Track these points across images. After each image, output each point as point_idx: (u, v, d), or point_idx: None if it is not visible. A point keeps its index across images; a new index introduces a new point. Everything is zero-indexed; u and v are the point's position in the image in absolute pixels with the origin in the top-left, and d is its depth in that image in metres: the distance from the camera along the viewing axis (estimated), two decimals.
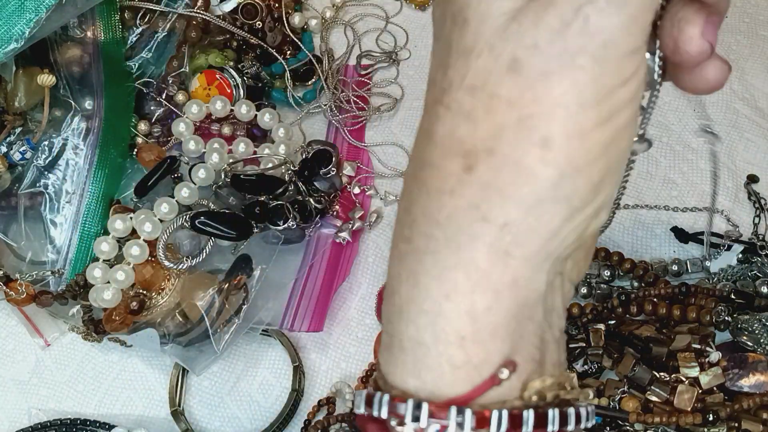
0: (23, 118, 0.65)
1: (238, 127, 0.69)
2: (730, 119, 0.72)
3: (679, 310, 0.57)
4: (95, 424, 0.59)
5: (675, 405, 0.53)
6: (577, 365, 0.57)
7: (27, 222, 0.63)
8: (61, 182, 0.63)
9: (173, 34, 0.69)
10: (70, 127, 0.64)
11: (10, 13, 0.56)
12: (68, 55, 0.65)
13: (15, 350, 0.63)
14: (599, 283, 0.63)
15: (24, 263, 0.62)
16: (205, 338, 0.58)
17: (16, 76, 0.62)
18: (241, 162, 0.65)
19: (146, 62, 0.68)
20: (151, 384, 0.61)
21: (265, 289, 0.60)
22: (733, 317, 0.57)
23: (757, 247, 0.63)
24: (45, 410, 0.60)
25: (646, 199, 0.68)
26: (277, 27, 0.74)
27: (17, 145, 0.64)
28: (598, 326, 0.58)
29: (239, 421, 0.60)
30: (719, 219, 0.67)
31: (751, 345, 0.56)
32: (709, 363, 0.54)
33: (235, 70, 0.71)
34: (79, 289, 0.59)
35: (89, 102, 0.65)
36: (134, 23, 0.68)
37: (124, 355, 0.62)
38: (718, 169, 0.38)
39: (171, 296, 0.59)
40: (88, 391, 0.61)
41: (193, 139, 0.65)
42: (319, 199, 0.65)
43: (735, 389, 0.54)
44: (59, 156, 0.64)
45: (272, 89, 0.73)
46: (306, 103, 0.73)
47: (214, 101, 0.67)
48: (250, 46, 0.72)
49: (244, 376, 0.61)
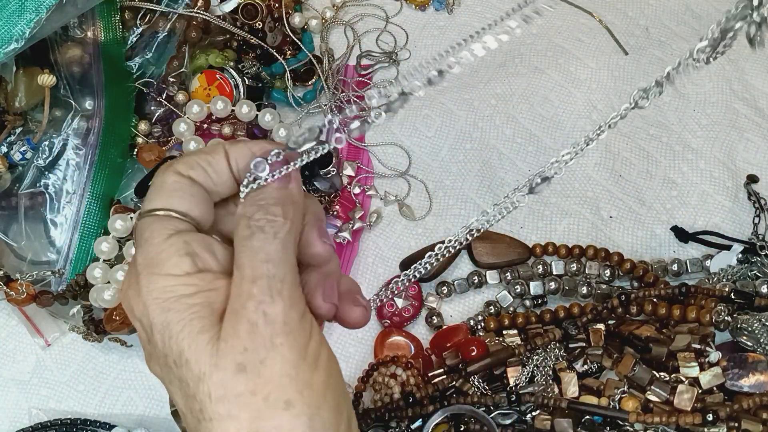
0: (23, 118, 0.65)
1: (238, 127, 0.69)
2: (730, 119, 0.72)
3: (679, 310, 0.57)
4: (96, 423, 0.59)
5: (675, 405, 0.53)
6: (577, 365, 0.57)
7: (27, 222, 0.63)
8: (62, 182, 0.63)
9: (173, 34, 0.69)
10: (71, 127, 0.64)
11: (11, 13, 0.56)
12: (68, 55, 0.65)
13: (15, 350, 0.63)
14: (599, 283, 0.63)
15: (24, 263, 0.62)
16: None
17: (17, 76, 0.62)
18: None
19: (146, 62, 0.68)
20: (151, 384, 0.61)
21: None
22: (733, 317, 0.57)
23: (757, 247, 0.63)
24: (45, 410, 0.60)
25: (646, 198, 0.68)
26: (277, 27, 0.74)
27: (17, 145, 0.64)
28: (598, 326, 0.58)
29: None
30: (720, 219, 0.67)
31: (750, 345, 0.56)
32: (709, 363, 0.55)
33: (235, 70, 0.71)
34: (79, 289, 0.59)
35: (89, 102, 0.65)
36: (134, 23, 0.68)
37: (124, 354, 0.62)
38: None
39: None
40: (88, 391, 0.61)
41: (193, 140, 0.65)
42: (320, 199, 0.65)
43: (735, 389, 0.54)
44: (59, 156, 0.64)
45: (272, 89, 0.73)
46: (306, 103, 0.73)
47: (215, 101, 0.67)
48: (251, 46, 0.73)
49: None
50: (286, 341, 0.31)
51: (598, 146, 0.70)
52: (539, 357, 0.57)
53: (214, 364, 0.30)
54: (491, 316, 0.62)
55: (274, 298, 0.31)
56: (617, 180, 0.69)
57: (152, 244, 0.33)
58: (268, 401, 0.30)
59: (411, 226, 0.67)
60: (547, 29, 0.78)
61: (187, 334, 0.31)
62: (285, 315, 0.31)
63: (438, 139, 0.72)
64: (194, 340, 0.31)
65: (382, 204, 0.69)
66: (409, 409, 0.55)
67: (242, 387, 0.30)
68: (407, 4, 0.80)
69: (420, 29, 0.79)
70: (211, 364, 0.31)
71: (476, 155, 0.70)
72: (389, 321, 0.62)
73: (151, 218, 0.34)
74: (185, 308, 0.32)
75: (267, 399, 0.30)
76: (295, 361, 0.31)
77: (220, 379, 0.30)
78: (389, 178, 0.70)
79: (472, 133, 0.72)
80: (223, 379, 0.30)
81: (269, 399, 0.30)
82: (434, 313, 0.63)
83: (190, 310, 0.32)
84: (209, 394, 0.30)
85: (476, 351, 0.57)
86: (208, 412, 0.31)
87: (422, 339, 0.62)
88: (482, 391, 0.56)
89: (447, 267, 0.64)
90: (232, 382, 0.30)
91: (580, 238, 0.66)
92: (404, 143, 0.72)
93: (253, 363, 0.30)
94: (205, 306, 0.32)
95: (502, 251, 0.64)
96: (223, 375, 0.30)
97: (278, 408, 0.30)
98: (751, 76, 0.75)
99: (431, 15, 0.80)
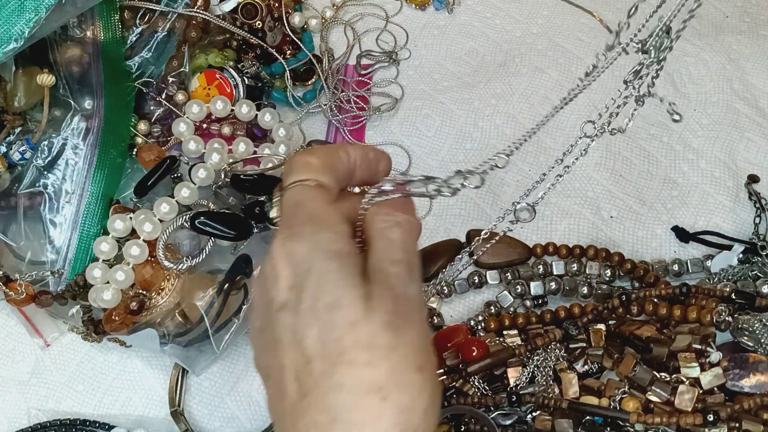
0: (23, 118, 0.65)
1: (238, 127, 0.68)
2: (730, 119, 0.72)
3: (679, 310, 0.57)
4: (95, 424, 0.59)
5: (675, 405, 0.53)
6: (578, 365, 0.57)
7: (26, 222, 0.63)
8: (61, 182, 0.63)
9: (173, 33, 0.69)
10: (70, 126, 0.64)
11: (10, 13, 0.56)
12: (68, 54, 0.64)
13: (14, 350, 0.63)
14: (600, 284, 0.63)
15: (23, 263, 0.62)
16: (204, 338, 0.58)
17: (16, 76, 0.62)
18: (241, 162, 0.65)
19: (146, 62, 0.68)
20: (150, 384, 0.61)
21: None
22: (734, 317, 0.57)
23: (758, 247, 0.63)
24: (44, 410, 0.60)
25: (646, 198, 0.68)
26: (276, 27, 0.74)
27: (17, 145, 0.64)
28: (599, 326, 0.58)
29: (239, 422, 0.60)
30: (721, 219, 0.67)
31: (751, 345, 0.56)
32: (710, 363, 0.54)
33: (234, 69, 0.71)
34: (78, 289, 0.59)
35: (89, 102, 0.64)
36: (134, 23, 0.68)
37: (123, 355, 0.62)
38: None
39: (171, 296, 0.59)
40: (87, 392, 0.61)
41: (193, 139, 0.65)
42: None
43: (736, 389, 0.54)
44: (59, 156, 0.64)
45: (272, 89, 0.73)
46: (306, 103, 0.73)
47: (215, 101, 0.67)
48: (250, 46, 0.72)
49: (244, 377, 0.61)
50: (418, 317, 0.35)
51: (599, 146, 0.70)
52: (540, 357, 0.57)
53: (366, 316, 0.33)
54: (491, 316, 0.62)
55: (411, 281, 0.36)
56: (618, 180, 0.69)
57: (316, 205, 0.37)
58: (406, 360, 0.33)
59: None
60: (547, 29, 0.78)
61: (346, 283, 0.34)
62: (418, 295, 0.36)
63: (438, 138, 0.72)
64: (351, 291, 0.34)
65: None
66: None
67: (387, 341, 0.33)
68: (407, 4, 0.80)
69: (420, 29, 0.78)
70: (364, 315, 0.33)
71: (477, 155, 0.70)
72: None
73: (305, 187, 0.38)
74: (346, 262, 0.35)
75: (405, 358, 0.33)
76: (425, 334, 0.35)
77: (371, 330, 0.33)
78: None
79: (473, 132, 0.72)
80: (373, 331, 0.33)
81: (407, 359, 0.33)
82: (434, 314, 0.63)
83: (350, 265, 0.35)
84: (358, 341, 0.33)
85: (476, 351, 0.56)
86: (350, 356, 0.33)
87: None
88: (482, 391, 0.56)
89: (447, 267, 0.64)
90: (380, 335, 0.33)
91: (580, 238, 0.66)
92: (404, 143, 0.72)
93: (397, 325, 0.34)
94: (358, 266, 0.35)
95: (502, 251, 0.64)
96: (373, 327, 0.33)
97: (412, 369, 0.33)
98: (752, 76, 0.74)
99: (431, 14, 0.80)
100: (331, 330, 0.33)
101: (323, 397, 0.33)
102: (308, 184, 0.38)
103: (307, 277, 0.34)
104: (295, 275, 0.35)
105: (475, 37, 0.78)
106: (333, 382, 0.33)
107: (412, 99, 0.74)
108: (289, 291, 0.35)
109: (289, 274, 0.35)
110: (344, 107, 0.73)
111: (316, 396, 0.33)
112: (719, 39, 0.77)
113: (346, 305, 0.34)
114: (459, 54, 0.77)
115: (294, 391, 0.34)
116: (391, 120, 0.73)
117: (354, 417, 0.32)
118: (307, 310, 0.34)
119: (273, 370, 0.35)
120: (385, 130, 0.72)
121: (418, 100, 0.74)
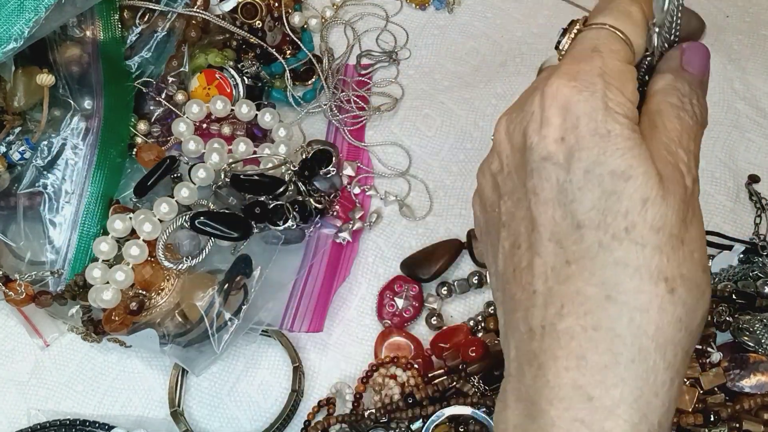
0: (22, 118, 0.65)
1: (238, 127, 0.68)
2: (731, 119, 0.72)
3: None
4: (94, 424, 0.59)
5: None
6: None
7: (26, 222, 0.63)
8: (61, 182, 0.63)
9: (173, 33, 0.69)
10: (70, 126, 0.64)
11: (10, 13, 0.56)
12: (67, 54, 0.64)
13: (14, 351, 0.63)
14: None
15: (23, 263, 0.62)
16: (204, 338, 0.58)
17: (16, 76, 0.62)
18: (241, 162, 0.65)
19: (146, 62, 0.68)
20: (150, 384, 0.61)
21: (264, 290, 0.60)
22: (734, 317, 0.57)
23: (758, 248, 0.63)
24: (44, 411, 0.60)
25: None
26: (276, 26, 0.73)
27: (16, 145, 0.64)
28: None
29: (239, 422, 0.60)
30: (721, 219, 0.67)
31: (752, 345, 0.56)
32: (710, 363, 0.54)
33: (234, 69, 0.71)
34: (78, 289, 0.59)
35: (88, 102, 0.64)
36: (134, 23, 0.68)
37: (123, 355, 0.62)
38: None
39: (170, 296, 0.59)
40: (87, 392, 0.61)
41: (193, 139, 0.65)
42: (319, 199, 0.65)
43: (736, 390, 0.54)
44: (58, 156, 0.63)
45: (272, 89, 0.73)
46: (306, 103, 0.73)
47: (215, 101, 0.67)
48: (250, 46, 0.72)
49: (243, 377, 0.61)
50: (696, 216, 0.32)
51: None
52: None
53: (663, 197, 0.31)
54: (492, 316, 0.62)
55: (691, 173, 0.32)
56: None
57: (617, 61, 0.33)
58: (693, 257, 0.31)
59: (411, 226, 0.67)
60: (547, 29, 0.78)
61: (637, 153, 0.31)
62: (696, 191, 0.33)
63: (438, 138, 0.72)
64: (645, 164, 0.31)
65: (382, 204, 0.68)
66: (410, 410, 0.55)
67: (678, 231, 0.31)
68: (407, 3, 0.80)
69: (420, 28, 0.78)
70: (660, 195, 0.31)
71: (477, 155, 0.70)
72: (389, 321, 0.62)
73: (614, 36, 0.34)
74: (637, 131, 0.32)
75: (692, 255, 0.31)
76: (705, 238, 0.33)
77: (664, 214, 0.31)
78: (389, 177, 0.70)
79: (473, 132, 0.72)
80: (667, 215, 0.31)
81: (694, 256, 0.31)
82: (434, 314, 0.63)
83: (639, 137, 0.32)
84: (649, 221, 0.30)
85: (476, 351, 0.56)
86: (637, 234, 0.30)
87: (422, 339, 0.62)
88: (482, 391, 0.56)
89: (448, 267, 0.64)
90: (672, 222, 0.31)
91: None
92: (404, 143, 0.71)
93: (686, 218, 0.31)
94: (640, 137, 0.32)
95: None
96: (666, 211, 0.31)
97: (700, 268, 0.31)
98: (753, 76, 0.74)
99: (431, 14, 0.80)
100: (617, 201, 0.31)
101: (599, 270, 0.30)
102: (618, 34, 0.34)
103: (585, 137, 0.31)
104: (567, 129, 0.32)
105: (476, 36, 0.78)
106: (614, 258, 0.30)
107: (413, 99, 0.74)
108: (557, 144, 0.32)
109: (560, 125, 0.32)
110: (344, 107, 0.72)
111: (587, 267, 0.31)
112: (720, 39, 0.76)
113: (638, 178, 0.30)
114: (459, 54, 0.77)
115: (550, 252, 0.32)
116: (392, 120, 0.73)
117: (636, 301, 0.30)
118: (582, 171, 0.31)
119: (514, 220, 0.33)
120: (385, 130, 0.72)
121: (419, 100, 0.74)
